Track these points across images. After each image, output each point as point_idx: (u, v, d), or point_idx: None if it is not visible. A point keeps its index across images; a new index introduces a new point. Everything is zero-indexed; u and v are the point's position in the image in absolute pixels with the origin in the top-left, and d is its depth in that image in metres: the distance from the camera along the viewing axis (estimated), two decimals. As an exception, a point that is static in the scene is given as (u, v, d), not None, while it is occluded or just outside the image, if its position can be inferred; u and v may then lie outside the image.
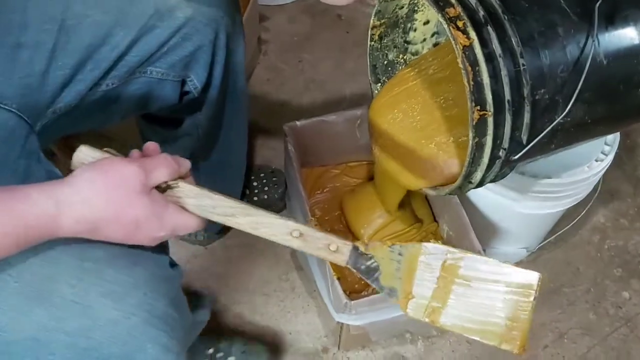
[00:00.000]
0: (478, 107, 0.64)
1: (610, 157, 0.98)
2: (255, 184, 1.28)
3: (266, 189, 1.28)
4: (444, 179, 0.81)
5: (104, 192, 0.58)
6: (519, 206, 1.01)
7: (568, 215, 1.16)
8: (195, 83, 0.88)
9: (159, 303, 0.65)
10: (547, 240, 1.22)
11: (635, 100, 0.74)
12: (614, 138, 1.00)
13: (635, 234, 1.30)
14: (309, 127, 1.12)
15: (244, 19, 1.32)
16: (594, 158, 0.98)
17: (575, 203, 1.04)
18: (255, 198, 1.27)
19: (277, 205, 1.29)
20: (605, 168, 0.98)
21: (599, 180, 1.06)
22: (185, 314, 0.73)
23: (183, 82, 0.88)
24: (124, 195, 0.58)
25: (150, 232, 0.61)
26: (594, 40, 0.66)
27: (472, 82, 0.63)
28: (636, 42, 0.70)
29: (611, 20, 0.68)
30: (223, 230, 1.24)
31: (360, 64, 1.53)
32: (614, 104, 0.74)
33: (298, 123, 1.11)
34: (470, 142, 0.65)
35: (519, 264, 1.24)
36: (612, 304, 1.20)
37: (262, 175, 1.30)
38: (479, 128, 0.65)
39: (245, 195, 1.26)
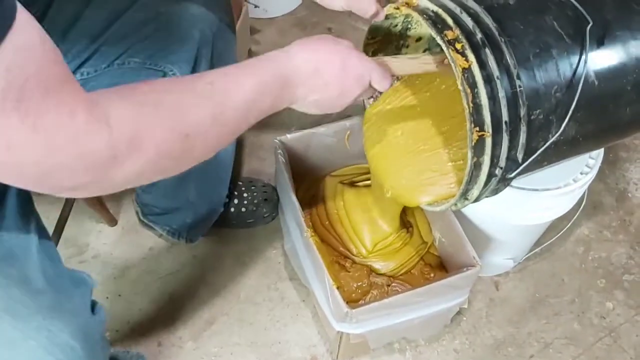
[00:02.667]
0: (477, 128, 0.65)
1: (595, 170, 1.00)
2: (245, 194, 1.29)
3: (255, 201, 1.28)
4: (439, 196, 0.82)
5: (320, 39, 0.66)
6: (506, 217, 1.03)
7: (553, 227, 1.18)
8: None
9: (60, 332, 0.66)
10: (533, 251, 1.24)
11: (624, 118, 0.77)
12: (598, 152, 1.02)
13: (618, 246, 1.33)
14: (298, 140, 1.14)
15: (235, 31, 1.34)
16: (579, 171, 1.00)
17: (560, 215, 1.06)
18: (244, 209, 1.27)
19: (264, 220, 1.29)
20: (590, 181, 1.00)
21: (584, 193, 1.08)
22: (95, 352, 0.73)
23: (164, 75, 0.89)
24: (333, 41, 0.67)
25: (356, 69, 0.66)
26: (586, 62, 0.68)
27: (471, 104, 0.65)
28: (625, 62, 0.73)
29: (602, 41, 0.71)
30: (204, 236, 1.26)
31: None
32: (604, 122, 0.76)
33: (288, 136, 1.12)
34: (469, 161, 0.67)
35: (506, 274, 1.26)
36: (596, 314, 1.22)
37: (253, 187, 1.30)
38: (478, 148, 0.67)
39: (234, 204, 1.27)
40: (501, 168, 0.69)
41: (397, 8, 0.75)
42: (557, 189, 0.97)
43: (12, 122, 0.39)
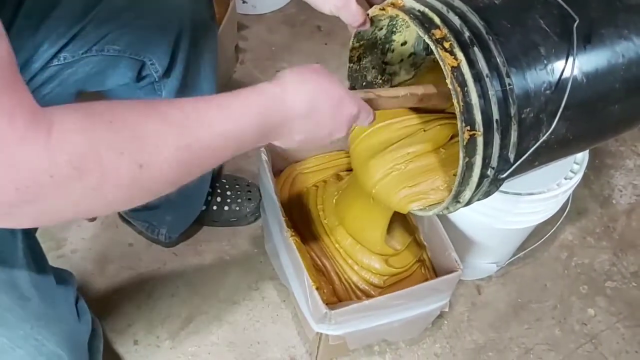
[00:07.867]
0: (468, 127, 0.64)
1: (580, 176, 1.00)
2: (228, 193, 1.27)
3: (239, 200, 1.27)
4: (431, 199, 0.81)
5: (314, 74, 0.63)
6: (489, 221, 1.02)
7: (537, 232, 1.17)
8: (156, 67, 0.88)
9: (47, 341, 0.66)
10: (516, 256, 1.23)
11: (614, 116, 0.76)
12: (583, 157, 1.02)
13: (601, 252, 1.33)
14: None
15: (221, 26, 1.32)
16: (563, 176, 0.99)
17: (544, 220, 1.05)
18: (227, 207, 1.26)
19: (246, 220, 1.28)
20: (574, 186, 1.00)
21: (568, 198, 1.08)
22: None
23: (143, 64, 0.88)
24: (328, 77, 0.64)
25: (349, 109, 0.65)
26: (574, 59, 0.68)
27: (461, 103, 0.64)
28: (612, 60, 0.72)
29: (588, 39, 0.70)
30: (184, 233, 1.23)
31: (337, 75, 1.53)
32: (593, 120, 0.75)
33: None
34: (461, 161, 0.66)
35: (489, 278, 1.25)
36: (577, 321, 1.22)
37: (237, 186, 1.29)
38: (469, 148, 0.66)
39: (216, 202, 1.25)
40: (493, 168, 0.68)
41: (383, 9, 0.73)
42: (540, 193, 0.97)
43: None
